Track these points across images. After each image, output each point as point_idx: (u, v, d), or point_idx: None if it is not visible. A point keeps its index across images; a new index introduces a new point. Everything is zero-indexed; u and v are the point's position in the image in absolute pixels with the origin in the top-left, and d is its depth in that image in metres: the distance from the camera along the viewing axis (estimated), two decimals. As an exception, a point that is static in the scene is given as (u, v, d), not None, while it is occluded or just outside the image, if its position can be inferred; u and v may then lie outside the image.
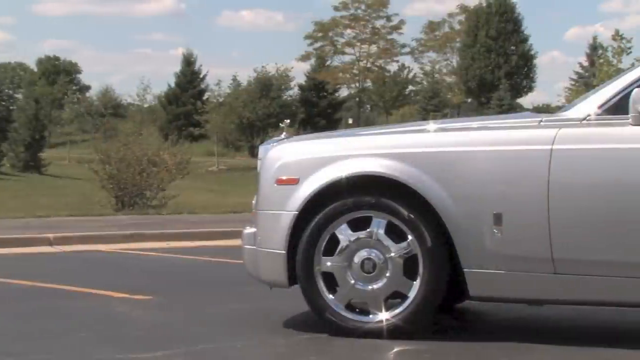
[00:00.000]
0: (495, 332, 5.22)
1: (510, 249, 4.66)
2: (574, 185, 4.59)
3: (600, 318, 5.55)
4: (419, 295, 4.78)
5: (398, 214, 4.81)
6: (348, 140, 5.29)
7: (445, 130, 5.14)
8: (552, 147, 4.63)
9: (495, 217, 4.66)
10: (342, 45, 64.67)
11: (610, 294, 4.59)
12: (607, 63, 22.72)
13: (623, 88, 4.68)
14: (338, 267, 4.90)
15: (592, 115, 4.70)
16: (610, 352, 4.57)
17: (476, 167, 4.76)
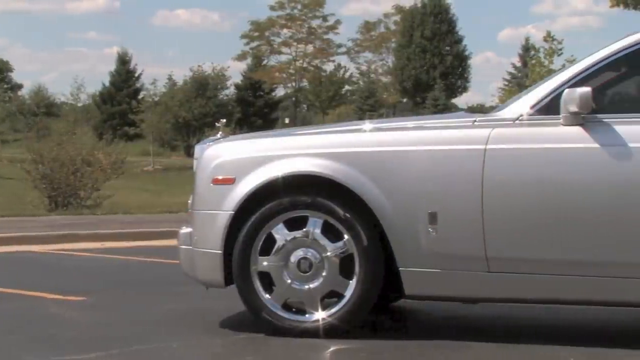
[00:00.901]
0: (430, 330, 5.26)
1: (445, 247, 4.70)
2: (507, 185, 4.65)
3: (534, 315, 5.63)
4: (355, 294, 4.80)
5: (334, 213, 4.83)
6: (284, 140, 5.29)
7: (381, 130, 5.16)
8: (485, 147, 4.68)
9: (430, 216, 4.70)
10: (278, 45, 64.56)
11: (544, 291, 4.66)
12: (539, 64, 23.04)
13: (554, 89, 4.75)
14: (274, 266, 4.90)
15: (524, 116, 4.76)
16: (543, 349, 4.63)
17: (411, 167, 4.79)
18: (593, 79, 4.74)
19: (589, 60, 4.79)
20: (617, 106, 5.08)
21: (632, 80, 5.18)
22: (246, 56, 65.06)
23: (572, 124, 4.62)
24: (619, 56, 4.75)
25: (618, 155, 4.52)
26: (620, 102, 5.18)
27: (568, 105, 4.58)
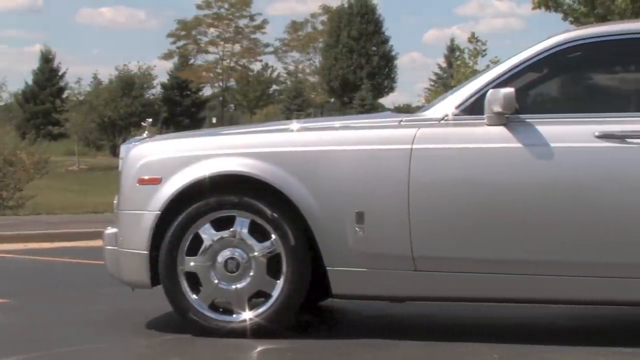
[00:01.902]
0: (358, 329, 5.29)
1: (372, 247, 4.73)
2: (433, 184, 4.70)
3: (459, 313, 5.70)
4: (283, 294, 4.80)
5: (261, 213, 4.82)
6: (211, 140, 5.27)
7: (308, 129, 5.17)
8: (411, 147, 4.72)
9: (358, 216, 4.73)
10: (205, 44, 64.24)
11: (469, 290, 4.72)
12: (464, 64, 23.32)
13: (479, 89, 4.81)
14: (201, 267, 4.88)
15: (449, 116, 4.82)
16: (468, 346, 4.69)
17: (338, 166, 4.81)
18: (516, 79, 4.81)
19: (512, 61, 4.86)
20: (539, 107, 5.17)
21: (554, 81, 5.28)
22: (173, 55, 64.64)
23: (496, 124, 4.69)
24: (541, 57, 4.83)
25: (540, 155, 4.60)
26: (542, 102, 5.27)
27: (492, 105, 4.65)
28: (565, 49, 4.84)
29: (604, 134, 4.56)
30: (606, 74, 5.32)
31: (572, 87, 5.34)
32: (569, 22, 19.90)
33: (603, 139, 4.55)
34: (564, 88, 5.36)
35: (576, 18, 19.70)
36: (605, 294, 4.60)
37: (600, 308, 5.53)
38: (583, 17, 19.50)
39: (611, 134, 4.55)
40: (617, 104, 5.06)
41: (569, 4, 19.97)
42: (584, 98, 5.21)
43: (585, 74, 5.29)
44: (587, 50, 4.90)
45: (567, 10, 19.87)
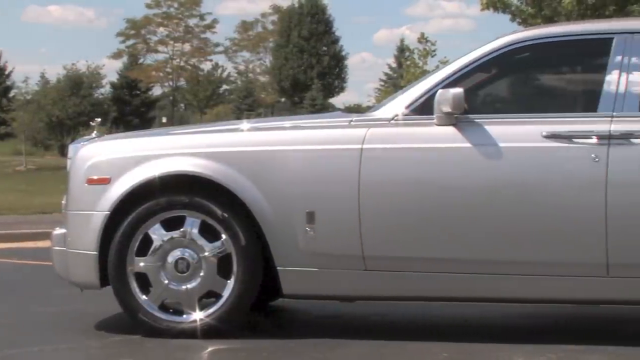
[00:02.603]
0: (308, 329, 5.29)
1: (323, 246, 4.74)
2: (383, 184, 4.71)
3: (408, 312, 5.73)
4: (233, 294, 4.79)
5: (212, 213, 4.81)
6: (161, 140, 5.24)
7: (259, 129, 5.17)
8: (362, 147, 4.74)
9: (308, 216, 4.73)
10: (155, 44, 63.79)
11: (420, 289, 4.74)
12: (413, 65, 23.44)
13: (428, 89, 4.84)
14: (151, 267, 4.85)
15: (399, 116, 4.84)
16: (417, 345, 4.72)
17: (289, 166, 4.81)
18: (465, 80, 4.85)
19: (461, 61, 4.90)
20: (488, 107, 5.22)
21: (503, 81, 5.33)
22: (122, 54, 64.07)
23: (446, 124, 4.72)
24: (490, 58, 4.87)
25: (489, 154, 4.64)
26: (491, 102, 5.32)
27: (441, 105, 4.68)
28: (514, 50, 4.88)
29: (552, 134, 4.61)
30: (554, 75, 5.39)
31: (520, 87, 5.40)
32: (517, 23, 20.10)
33: (550, 139, 4.61)
34: (513, 88, 5.41)
35: (524, 19, 19.90)
36: (554, 292, 4.65)
37: (550, 306, 5.59)
38: (531, 18, 19.70)
39: (558, 134, 4.60)
40: (565, 104, 5.12)
41: (516, 5, 20.17)
42: (532, 98, 5.27)
43: (533, 75, 5.35)
44: (535, 51, 4.96)
45: (515, 12, 20.07)
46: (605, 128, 4.58)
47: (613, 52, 4.76)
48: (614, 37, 4.80)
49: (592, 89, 4.83)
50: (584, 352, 4.52)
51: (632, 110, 4.64)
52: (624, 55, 4.73)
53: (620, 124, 4.59)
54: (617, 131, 4.56)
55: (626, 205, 4.51)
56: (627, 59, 4.72)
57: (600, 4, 18.93)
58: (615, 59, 4.74)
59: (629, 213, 4.51)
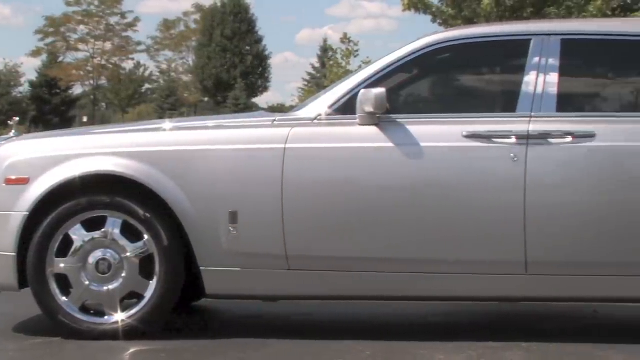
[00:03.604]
0: (232, 329, 5.27)
1: (246, 246, 4.73)
2: (306, 184, 4.72)
3: (331, 311, 5.75)
4: (156, 295, 4.76)
5: (134, 213, 4.76)
6: (82, 139, 5.17)
7: (181, 129, 5.14)
8: (285, 146, 4.74)
9: (231, 216, 4.72)
10: (75, 42, 62.97)
11: (343, 288, 4.76)
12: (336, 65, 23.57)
13: (351, 89, 4.87)
14: (72, 268, 4.78)
15: (322, 115, 4.86)
16: (341, 344, 4.73)
17: (212, 166, 4.79)
18: (388, 80, 4.89)
19: (383, 61, 4.93)
20: (410, 107, 5.27)
21: (425, 81, 5.39)
22: (41, 52, 63.09)
23: (368, 124, 4.75)
24: (411, 58, 4.92)
25: (411, 154, 4.68)
26: (413, 102, 5.37)
27: (364, 105, 4.70)
28: (435, 50, 4.94)
29: (472, 134, 4.67)
30: (474, 75, 5.46)
31: (441, 87, 5.46)
32: (438, 24, 20.36)
33: (471, 139, 4.67)
34: (434, 88, 5.47)
35: (445, 20, 20.17)
36: (475, 290, 4.71)
37: (471, 304, 5.67)
38: (451, 19, 19.98)
39: (478, 134, 4.67)
40: (485, 105, 5.19)
41: (437, 6, 20.42)
42: (453, 98, 5.33)
43: (454, 75, 5.42)
44: (456, 51, 5.02)
45: (435, 13, 20.32)
46: (524, 128, 4.66)
47: (531, 53, 4.84)
48: (531, 39, 4.89)
49: (511, 90, 4.90)
50: (503, 348, 4.59)
51: (550, 110, 4.73)
52: (541, 57, 4.82)
53: (538, 124, 4.67)
54: (535, 131, 4.64)
55: (544, 204, 4.59)
56: (545, 60, 4.81)
57: (518, 6, 19.28)
58: (533, 60, 4.83)
59: (547, 212, 4.59)
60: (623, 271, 4.59)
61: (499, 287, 4.68)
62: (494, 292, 4.73)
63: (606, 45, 4.96)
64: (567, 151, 4.62)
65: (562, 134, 4.63)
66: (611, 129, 4.67)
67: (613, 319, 5.62)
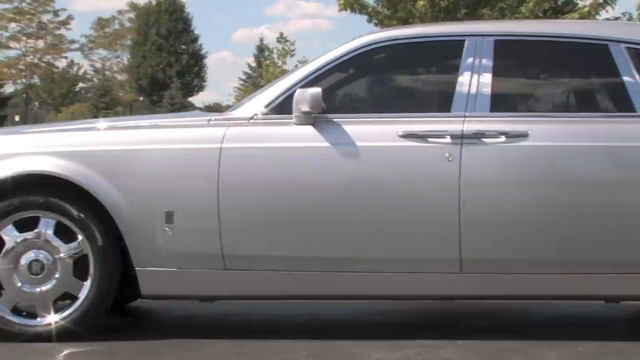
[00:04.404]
0: (168, 330, 5.24)
1: (182, 246, 4.70)
2: (243, 183, 4.71)
3: (268, 311, 5.74)
4: (90, 296, 4.71)
5: (67, 213, 4.71)
6: (14, 138, 5.09)
7: (116, 128, 5.09)
8: (221, 146, 4.73)
9: (167, 216, 4.69)
10: (6, 40, 62.02)
11: (280, 288, 4.75)
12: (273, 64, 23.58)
13: (287, 88, 4.87)
14: (3, 269, 4.71)
15: (259, 115, 4.85)
16: (277, 343, 4.73)
17: (147, 166, 4.76)
18: (324, 79, 4.90)
19: (319, 61, 4.94)
20: (346, 106, 5.29)
21: (361, 81, 5.41)
22: (-29, 50, 61.99)
23: (304, 124, 4.75)
24: (347, 58, 4.94)
25: (346, 154, 4.70)
26: (349, 102, 5.39)
27: (300, 105, 4.71)
28: (371, 50, 4.96)
29: (407, 134, 4.70)
30: (410, 75, 5.50)
31: (377, 87, 5.49)
32: (374, 24, 20.47)
33: (406, 138, 4.70)
34: (370, 88, 5.49)
35: (380, 20, 20.28)
36: (412, 288, 4.74)
37: (407, 303, 5.71)
38: (386, 19, 20.10)
39: (414, 134, 4.70)
40: (420, 105, 5.24)
41: (373, 6, 20.53)
42: (389, 98, 5.36)
43: (390, 75, 5.45)
44: (392, 51, 5.05)
45: (371, 13, 20.42)
46: (458, 128, 4.70)
47: (465, 53, 4.90)
48: (465, 40, 4.94)
49: (446, 90, 4.94)
50: (438, 346, 4.63)
51: (484, 110, 4.78)
52: (475, 57, 4.88)
53: (472, 124, 4.72)
54: (469, 131, 4.69)
55: (478, 203, 4.64)
56: (478, 61, 4.87)
57: (452, 7, 19.48)
58: (467, 61, 4.88)
59: (481, 211, 4.64)
60: (555, 269, 4.66)
61: (435, 285, 4.72)
62: (430, 290, 4.77)
63: (538, 46, 5.03)
64: (500, 151, 4.68)
65: (496, 133, 4.69)
66: (544, 128, 4.74)
67: (545, 315, 5.71)
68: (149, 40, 56.41)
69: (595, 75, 5.18)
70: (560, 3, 21.04)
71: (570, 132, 4.74)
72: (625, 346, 4.66)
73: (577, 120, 4.81)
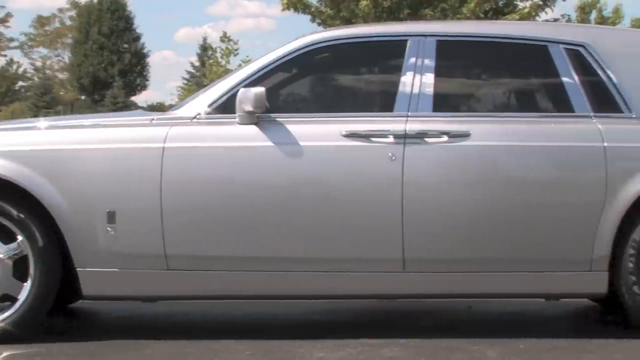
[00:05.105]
0: (110, 330, 5.20)
1: (124, 246, 4.67)
2: (185, 183, 4.69)
3: (214, 311, 5.73)
4: (30, 297, 4.65)
5: (6, 214, 4.64)
6: (-49, 138, 5.00)
7: (57, 127, 5.03)
8: (164, 145, 4.70)
9: (109, 216, 4.65)
10: (-57, 37, 60.95)
11: (223, 288, 4.74)
12: (216, 63, 23.49)
13: (230, 88, 4.86)
14: (-60, 271, 4.64)
15: (202, 114, 4.84)
16: (221, 343, 4.72)
17: (89, 166, 4.71)
18: (267, 79, 4.91)
19: (262, 61, 4.94)
20: (290, 106, 5.29)
21: (304, 81, 5.42)
22: None
23: (248, 123, 4.75)
24: (290, 58, 4.94)
25: (290, 153, 4.70)
26: (293, 102, 5.39)
27: (243, 104, 4.70)
28: (314, 50, 4.98)
29: (351, 133, 4.72)
30: (353, 75, 5.52)
31: (321, 87, 5.50)
32: (317, 24, 20.52)
33: (350, 138, 4.72)
34: (314, 88, 5.50)
35: (323, 20, 20.33)
36: (355, 287, 4.75)
37: (350, 302, 5.73)
38: (330, 19, 20.16)
39: (357, 133, 4.72)
40: (364, 104, 5.26)
41: (316, 6, 20.57)
42: (332, 98, 5.37)
43: (333, 75, 5.47)
44: (335, 51, 5.07)
45: (314, 12, 20.47)
46: (401, 127, 4.73)
47: (407, 54, 4.93)
48: (408, 40, 4.98)
49: (389, 90, 4.97)
50: (381, 345, 4.65)
51: (426, 110, 4.82)
52: (418, 57, 4.91)
53: (415, 123, 4.75)
54: (412, 130, 4.72)
55: (421, 202, 4.67)
56: (421, 61, 4.91)
57: (395, 7, 19.59)
58: (410, 61, 4.91)
59: (424, 210, 4.67)
60: (497, 267, 4.71)
61: (378, 284, 4.74)
62: (373, 289, 4.79)
63: (480, 47, 5.09)
64: (442, 150, 4.72)
65: (438, 133, 4.72)
66: (485, 128, 4.79)
67: (486, 313, 5.77)
68: (90, 39, 55.78)
69: (535, 76, 5.25)
70: (501, 4, 21.29)
71: (511, 132, 4.79)
72: (564, 343, 4.73)
73: (518, 120, 4.87)
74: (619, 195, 4.66)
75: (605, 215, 4.66)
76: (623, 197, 4.66)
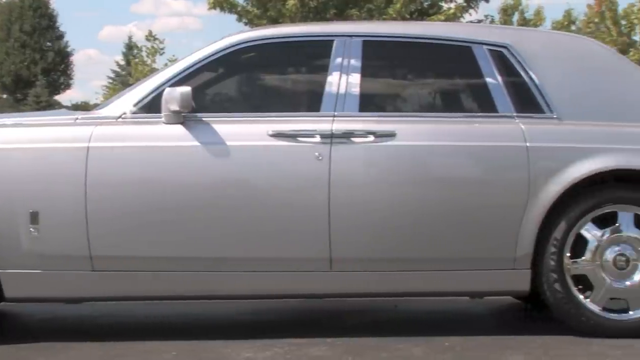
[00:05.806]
0: (33, 333, 5.12)
1: (48, 247, 4.61)
2: (110, 183, 4.65)
3: (139, 312, 5.68)
4: (-50, 300, 4.56)
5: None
6: None
7: (-23, 126, 4.94)
8: (88, 145, 4.65)
9: (32, 216, 4.58)
10: None
11: (148, 289, 4.70)
12: (141, 62, 23.28)
13: (156, 87, 4.83)
14: None
15: (127, 114, 4.79)
16: (146, 345, 4.69)
17: (11, 166, 4.64)
18: (193, 78, 4.88)
19: (188, 60, 4.92)
20: (216, 106, 5.26)
21: (230, 80, 5.40)
22: None
23: (173, 123, 4.72)
24: (216, 57, 4.93)
25: (216, 153, 4.69)
26: (219, 101, 5.37)
27: (169, 104, 4.67)
28: (240, 50, 4.97)
29: (277, 133, 4.72)
30: (280, 75, 5.51)
31: (247, 86, 5.49)
32: (244, 23, 20.47)
33: (276, 138, 4.72)
34: (240, 87, 5.49)
35: (250, 19, 20.29)
36: (282, 287, 4.75)
37: (277, 301, 5.72)
38: (256, 19, 20.13)
39: (284, 133, 4.73)
40: (290, 104, 5.25)
41: (242, 5, 20.52)
42: (259, 98, 5.36)
43: (260, 74, 5.46)
44: (261, 51, 5.07)
45: (241, 12, 20.42)
46: (328, 127, 4.75)
47: (333, 54, 4.95)
48: (334, 40, 5.00)
49: (316, 90, 4.99)
50: (308, 344, 4.66)
51: (353, 110, 4.85)
52: (344, 57, 4.94)
53: (341, 123, 4.78)
54: (338, 130, 4.75)
55: (347, 202, 4.70)
56: (347, 61, 4.93)
57: (322, 8, 19.63)
58: (336, 61, 4.94)
59: (350, 210, 4.70)
60: (422, 266, 4.76)
61: (305, 283, 4.75)
62: (300, 289, 4.80)
63: (405, 47, 5.13)
64: (369, 150, 4.75)
65: (364, 133, 4.75)
66: (411, 128, 4.83)
67: (412, 312, 5.82)
68: (12, 37, 54.83)
69: (460, 76, 5.31)
70: (426, 5, 21.50)
71: (436, 131, 4.84)
72: (489, 340, 4.80)
73: (443, 120, 4.92)
74: (541, 194, 4.74)
75: (527, 214, 4.74)
76: (545, 196, 4.74)
